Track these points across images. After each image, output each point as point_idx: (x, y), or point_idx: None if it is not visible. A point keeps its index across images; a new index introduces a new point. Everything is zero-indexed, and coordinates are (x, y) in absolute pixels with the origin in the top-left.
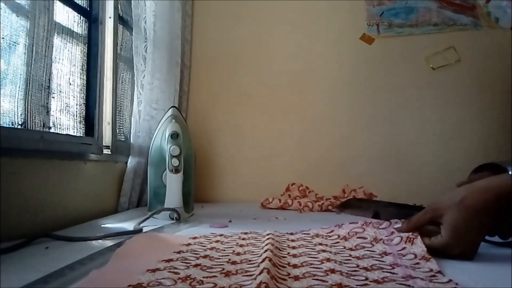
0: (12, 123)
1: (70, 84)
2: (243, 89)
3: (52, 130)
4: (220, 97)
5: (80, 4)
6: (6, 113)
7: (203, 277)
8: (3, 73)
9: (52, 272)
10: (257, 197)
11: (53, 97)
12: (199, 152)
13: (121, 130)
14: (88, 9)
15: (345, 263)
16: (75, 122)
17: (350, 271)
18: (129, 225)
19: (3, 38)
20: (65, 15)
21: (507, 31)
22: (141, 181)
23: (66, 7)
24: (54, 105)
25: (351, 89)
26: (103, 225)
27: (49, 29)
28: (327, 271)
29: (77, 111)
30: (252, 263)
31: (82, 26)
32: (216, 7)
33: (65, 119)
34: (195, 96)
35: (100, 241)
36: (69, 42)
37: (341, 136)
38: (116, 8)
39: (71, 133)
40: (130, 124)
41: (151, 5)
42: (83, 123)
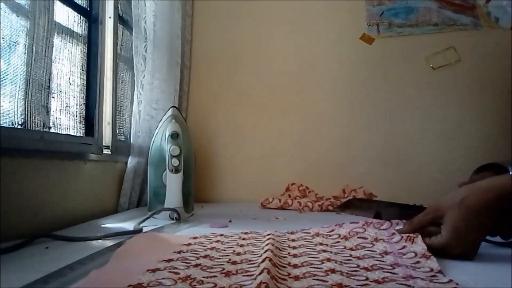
0: (12, 123)
1: (70, 84)
2: (243, 89)
3: (52, 130)
4: (220, 97)
5: (80, 4)
6: (6, 113)
7: (203, 277)
8: (3, 73)
9: (52, 272)
10: (257, 197)
11: (53, 97)
12: (199, 152)
13: (121, 130)
14: (88, 9)
15: (346, 263)
16: (75, 122)
17: (350, 271)
18: (129, 225)
19: (3, 38)
20: (65, 15)
21: (507, 31)
22: (141, 181)
23: (66, 7)
24: (54, 105)
25: (351, 89)
26: (103, 225)
27: (49, 29)
28: (327, 271)
29: (77, 111)
30: (252, 263)
31: (82, 26)
32: (216, 7)
33: (65, 119)
34: (195, 96)
35: (100, 241)
36: (69, 42)
37: (341, 136)
38: (116, 8)
39: (71, 133)
40: (130, 124)
41: (151, 5)
42: (83, 123)
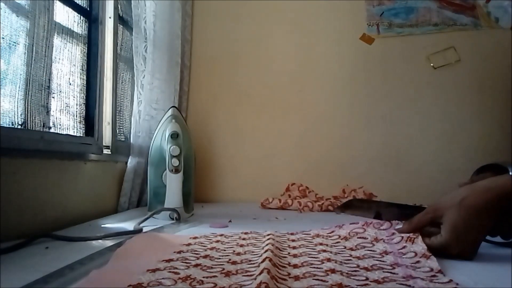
0: (12, 123)
1: (70, 84)
2: (243, 89)
3: (52, 130)
4: (220, 97)
5: (80, 4)
6: (6, 113)
7: (203, 277)
8: (3, 73)
9: (52, 272)
10: (257, 197)
11: (53, 97)
12: (199, 152)
13: (121, 130)
14: (88, 9)
15: (346, 263)
16: (75, 122)
17: (350, 271)
18: (129, 225)
19: (3, 38)
20: (65, 15)
21: (507, 31)
22: (141, 181)
23: (66, 7)
24: (54, 105)
25: (351, 89)
26: (103, 225)
27: (49, 29)
28: (327, 271)
29: (77, 111)
30: (252, 263)
31: (82, 26)
32: (216, 7)
33: (65, 119)
34: (195, 96)
35: (100, 241)
36: (69, 42)
37: (341, 136)
38: (116, 8)
39: (71, 133)
40: (130, 124)
41: (151, 5)
42: (83, 123)
